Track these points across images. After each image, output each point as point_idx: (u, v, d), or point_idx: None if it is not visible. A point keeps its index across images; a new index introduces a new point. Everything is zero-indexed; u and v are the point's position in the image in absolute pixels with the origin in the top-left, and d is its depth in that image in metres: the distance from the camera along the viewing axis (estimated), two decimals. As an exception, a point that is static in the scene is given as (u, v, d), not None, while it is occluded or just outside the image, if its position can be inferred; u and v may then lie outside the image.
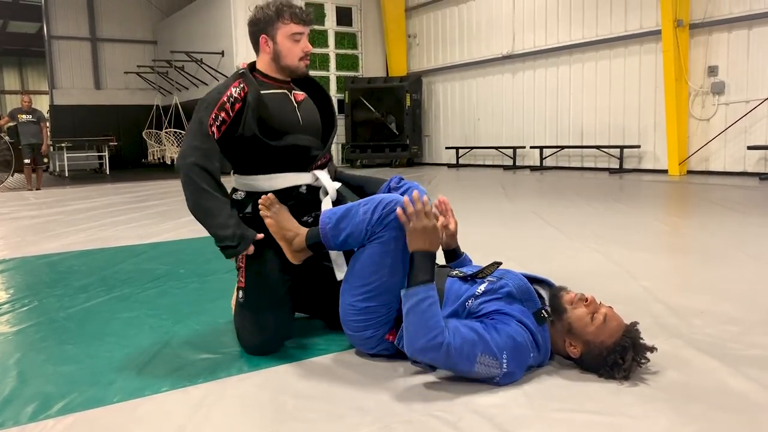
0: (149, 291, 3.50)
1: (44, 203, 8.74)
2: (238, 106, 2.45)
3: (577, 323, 2.10)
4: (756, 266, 3.70)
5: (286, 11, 2.48)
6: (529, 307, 2.11)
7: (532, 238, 4.88)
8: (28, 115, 11.14)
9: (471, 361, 1.97)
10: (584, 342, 2.09)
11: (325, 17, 15.78)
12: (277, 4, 2.49)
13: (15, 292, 3.56)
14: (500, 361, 1.99)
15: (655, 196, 7.78)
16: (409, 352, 2.04)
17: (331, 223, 2.28)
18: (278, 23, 2.49)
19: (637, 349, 2.05)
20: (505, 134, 13.96)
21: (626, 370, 2.03)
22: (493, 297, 2.12)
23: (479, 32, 14.36)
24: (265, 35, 2.52)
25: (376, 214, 2.19)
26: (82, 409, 1.96)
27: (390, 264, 2.19)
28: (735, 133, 9.93)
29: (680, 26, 10.14)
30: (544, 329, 2.11)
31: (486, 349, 1.98)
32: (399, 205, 2.15)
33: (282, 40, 2.51)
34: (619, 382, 2.02)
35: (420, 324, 1.99)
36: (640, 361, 2.06)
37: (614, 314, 2.13)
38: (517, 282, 2.15)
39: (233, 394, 2.07)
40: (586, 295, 2.17)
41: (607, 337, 2.06)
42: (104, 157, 16.13)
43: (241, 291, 2.50)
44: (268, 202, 2.41)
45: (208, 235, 2.49)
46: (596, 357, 2.07)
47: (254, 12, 2.55)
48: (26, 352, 2.54)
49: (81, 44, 18.84)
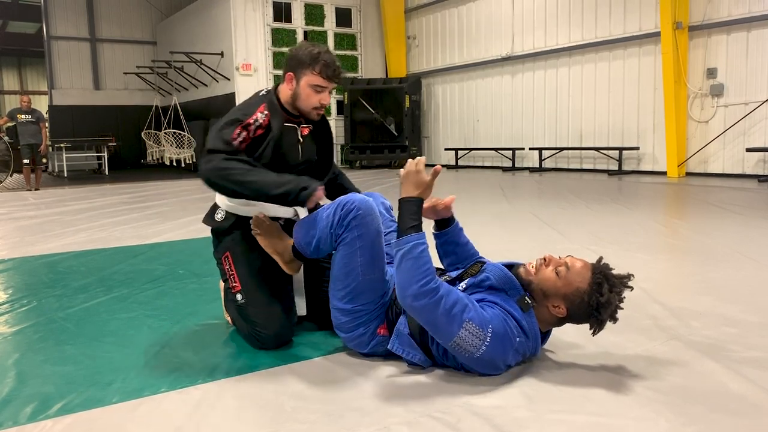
0: (148, 291, 3.50)
1: (43, 203, 8.74)
2: (260, 132, 2.51)
3: (546, 284, 2.11)
4: (755, 268, 3.70)
5: (319, 64, 2.52)
6: (513, 295, 2.11)
7: (530, 239, 4.88)
8: (28, 116, 11.12)
9: (458, 322, 1.97)
10: (563, 297, 2.09)
11: (325, 18, 15.79)
12: (316, 54, 2.53)
13: (14, 293, 3.56)
14: (485, 332, 1.99)
15: (653, 197, 7.78)
16: (401, 299, 2.04)
17: (301, 233, 2.39)
18: (307, 70, 2.53)
19: (611, 281, 2.06)
20: (504, 136, 13.96)
21: (608, 303, 2.02)
22: (476, 290, 2.15)
23: (479, 34, 14.36)
24: (293, 73, 2.57)
25: (336, 216, 2.26)
26: (81, 410, 1.96)
27: (361, 263, 2.24)
28: (734, 135, 9.94)
29: (679, 28, 10.15)
30: (530, 314, 2.11)
31: (475, 316, 1.99)
32: (357, 205, 2.22)
33: (304, 86, 2.55)
34: (619, 384, 2.02)
35: (413, 269, 2.02)
36: (618, 292, 2.05)
37: (574, 259, 2.14)
38: (497, 273, 2.16)
39: (232, 394, 2.07)
40: (543, 256, 2.19)
41: (580, 282, 2.07)
42: (103, 157, 16.12)
43: (239, 294, 2.53)
44: (258, 221, 2.52)
45: (206, 236, 2.50)
46: (580, 305, 2.07)
47: (299, 46, 2.63)
48: (25, 352, 2.54)
49: (80, 45, 18.83)
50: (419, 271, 2.00)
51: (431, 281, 1.99)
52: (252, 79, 14.78)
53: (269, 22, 14.95)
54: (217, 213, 2.66)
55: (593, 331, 2.12)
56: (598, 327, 2.10)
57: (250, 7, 14.70)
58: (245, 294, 2.52)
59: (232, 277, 2.56)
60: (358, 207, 2.24)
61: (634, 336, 2.53)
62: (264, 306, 2.48)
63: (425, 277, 1.99)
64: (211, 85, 15.88)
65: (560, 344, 2.39)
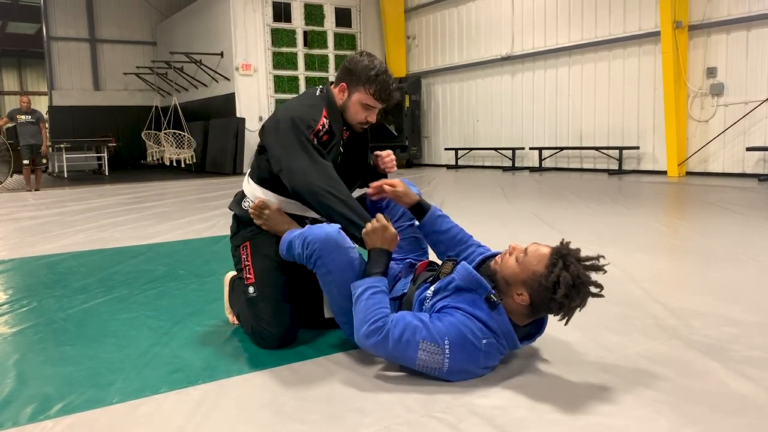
0: (148, 292, 3.50)
1: (43, 204, 8.74)
2: (326, 138, 2.51)
3: (507, 271, 2.09)
4: (755, 267, 3.70)
5: (374, 85, 2.50)
6: (481, 294, 2.08)
7: (531, 239, 4.84)
8: (27, 116, 11.13)
9: (413, 347, 2.01)
10: (522, 283, 2.04)
11: (324, 18, 15.78)
12: (373, 74, 2.50)
13: (14, 293, 3.56)
14: (442, 347, 1.99)
15: (654, 197, 7.78)
16: (357, 342, 2.11)
17: (284, 250, 2.42)
18: (362, 88, 2.52)
19: (568, 260, 1.97)
20: (504, 135, 13.96)
21: (560, 283, 1.93)
22: (443, 295, 2.14)
23: (478, 34, 14.36)
24: (346, 85, 2.56)
25: (303, 252, 2.29)
26: (81, 410, 1.96)
27: (338, 293, 2.28)
28: (734, 135, 9.94)
29: (679, 28, 10.15)
30: (499, 311, 2.06)
31: (427, 335, 2.01)
32: (318, 246, 2.23)
33: (355, 102, 2.55)
34: (620, 384, 2.01)
35: (363, 311, 2.10)
36: (575, 271, 1.94)
37: (537, 246, 2.09)
38: (462, 273, 2.13)
39: (232, 395, 2.06)
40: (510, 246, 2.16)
41: (536, 265, 2.01)
42: (103, 158, 16.12)
43: (251, 287, 2.52)
44: (258, 210, 2.54)
45: (206, 236, 2.50)
46: (538, 290, 2.00)
47: (358, 59, 2.57)
48: (25, 353, 2.54)
49: (80, 45, 18.83)
50: (368, 312, 2.08)
51: (379, 320, 2.06)
52: (252, 79, 14.78)
53: (269, 22, 14.95)
54: (244, 201, 2.65)
55: (560, 317, 2.02)
56: (562, 312, 2.00)
57: (250, 8, 14.69)
58: (258, 288, 2.51)
59: (247, 268, 2.55)
60: (320, 247, 2.23)
61: (635, 336, 2.53)
62: (275, 303, 2.47)
63: (372, 317, 2.07)
64: (210, 85, 15.88)
65: (560, 344, 2.39)
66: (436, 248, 2.54)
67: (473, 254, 2.41)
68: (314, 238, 2.26)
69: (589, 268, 2.01)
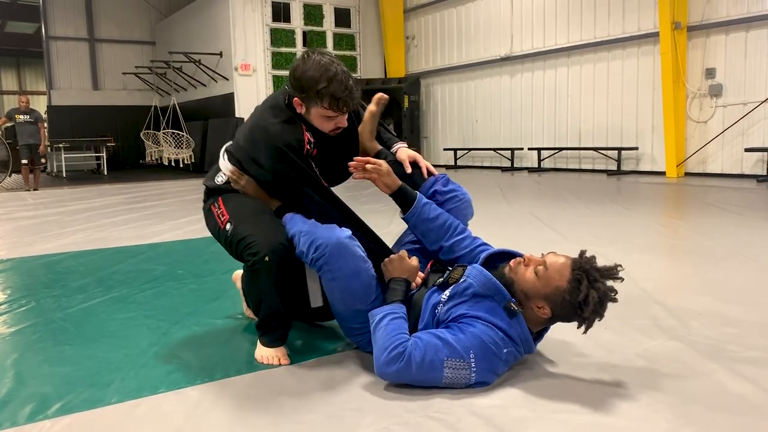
0: (147, 292, 3.49)
1: (42, 204, 8.73)
2: (315, 152, 2.41)
3: (526, 285, 2.05)
4: (754, 268, 3.70)
5: (325, 98, 2.26)
6: (499, 301, 2.05)
7: (530, 239, 4.88)
8: (26, 116, 11.11)
9: (438, 367, 1.95)
10: (544, 298, 2.02)
11: (323, 18, 15.77)
12: (320, 87, 2.24)
13: (12, 293, 3.55)
14: (468, 361, 1.96)
15: (653, 197, 7.79)
16: (378, 372, 2.03)
17: (287, 228, 2.34)
18: (314, 104, 2.30)
19: (592, 276, 1.97)
20: (503, 136, 13.96)
21: (590, 300, 1.93)
22: (460, 300, 2.08)
23: (477, 34, 14.36)
24: (299, 100, 2.33)
25: (308, 252, 2.21)
26: (80, 410, 1.96)
27: (340, 298, 2.25)
28: (732, 135, 9.94)
29: (678, 28, 10.15)
30: (518, 320, 2.04)
31: (452, 352, 1.95)
32: (328, 251, 2.15)
33: (315, 116, 2.35)
34: (619, 385, 2.01)
35: (382, 339, 2.03)
36: (599, 287, 1.96)
37: (555, 257, 2.06)
38: (481, 279, 2.09)
39: (231, 395, 2.06)
40: (523, 256, 2.13)
41: (558, 280, 1.99)
42: (102, 157, 16.10)
43: (228, 224, 2.40)
44: (236, 174, 2.46)
45: (205, 236, 2.50)
46: (562, 305, 2.00)
47: (303, 68, 2.28)
48: (23, 352, 2.53)
49: (79, 45, 18.80)
50: (387, 339, 2.01)
51: (399, 345, 1.98)
52: (251, 79, 14.77)
53: (268, 22, 14.94)
54: (218, 176, 2.55)
55: (581, 328, 2.03)
56: (584, 324, 2.02)
57: (249, 8, 14.69)
58: (234, 220, 2.39)
59: (220, 215, 2.44)
60: (330, 254, 2.15)
61: (634, 336, 2.53)
62: (253, 218, 2.36)
63: (392, 343, 1.99)
64: (209, 85, 15.87)
65: (560, 345, 2.39)
66: (426, 239, 2.42)
67: (475, 251, 2.36)
68: (324, 242, 2.16)
69: (608, 277, 2.01)
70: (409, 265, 2.26)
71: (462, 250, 2.37)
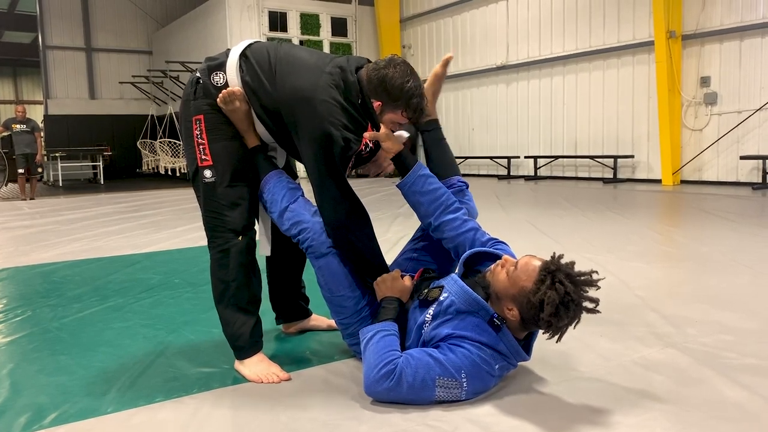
0: (143, 301, 3.49)
1: (38, 213, 8.71)
2: (367, 154, 2.48)
3: (498, 285, 1.99)
4: (750, 275, 3.71)
5: (410, 108, 2.24)
6: (483, 316, 1.99)
7: (526, 247, 4.85)
8: (23, 125, 11.12)
9: (430, 386, 1.93)
10: (512, 299, 1.95)
11: (320, 27, 15.83)
12: (411, 97, 2.22)
13: (8, 302, 3.54)
14: (459, 380, 1.94)
15: (648, 205, 7.81)
16: (367, 391, 1.99)
17: (264, 199, 2.40)
18: (399, 110, 2.26)
19: (557, 277, 1.86)
20: (499, 144, 14.00)
21: (550, 301, 1.82)
22: (444, 319, 2.03)
23: (473, 43, 14.43)
24: (381, 104, 2.26)
25: (293, 234, 2.29)
26: (76, 420, 1.95)
27: (325, 283, 2.29)
28: (728, 143, 9.99)
29: (673, 37, 10.22)
30: (504, 333, 1.99)
31: (443, 371, 1.93)
32: (312, 243, 2.24)
33: (386, 120, 2.30)
34: (615, 392, 2.01)
35: (374, 355, 2.00)
36: (562, 290, 1.83)
37: (529, 259, 1.97)
38: (462, 295, 2.02)
39: (228, 404, 2.06)
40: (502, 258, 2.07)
41: (525, 280, 1.91)
42: (98, 166, 16.09)
43: (207, 170, 2.30)
44: (229, 96, 2.27)
45: (202, 245, 2.49)
46: (527, 307, 1.91)
47: (390, 72, 2.22)
48: (19, 362, 2.53)
49: (76, 54, 18.84)
50: (377, 356, 1.98)
51: (389, 363, 1.95)
52: (248, 88, 14.78)
53: (265, 31, 14.98)
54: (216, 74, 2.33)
55: (549, 335, 1.93)
56: (550, 330, 1.90)
57: (246, 17, 14.74)
58: (216, 170, 2.30)
59: (201, 147, 2.31)
60: (312, 238, 2.25)
61: (630, 343, 2.53)
62: (237, 184, 2.32)
63: (382, 361, 1.96)
64: (206, 94, 15.88)
65: (556, 353, 2.39)
66: (417, 212, 2.34)
67: (461, 237, 2.26)
68: (309, 226, 2.26)
69: (582, 283, 1.90)
70: (402, 285, 2.24)
71: (450, 231, 2.26)
